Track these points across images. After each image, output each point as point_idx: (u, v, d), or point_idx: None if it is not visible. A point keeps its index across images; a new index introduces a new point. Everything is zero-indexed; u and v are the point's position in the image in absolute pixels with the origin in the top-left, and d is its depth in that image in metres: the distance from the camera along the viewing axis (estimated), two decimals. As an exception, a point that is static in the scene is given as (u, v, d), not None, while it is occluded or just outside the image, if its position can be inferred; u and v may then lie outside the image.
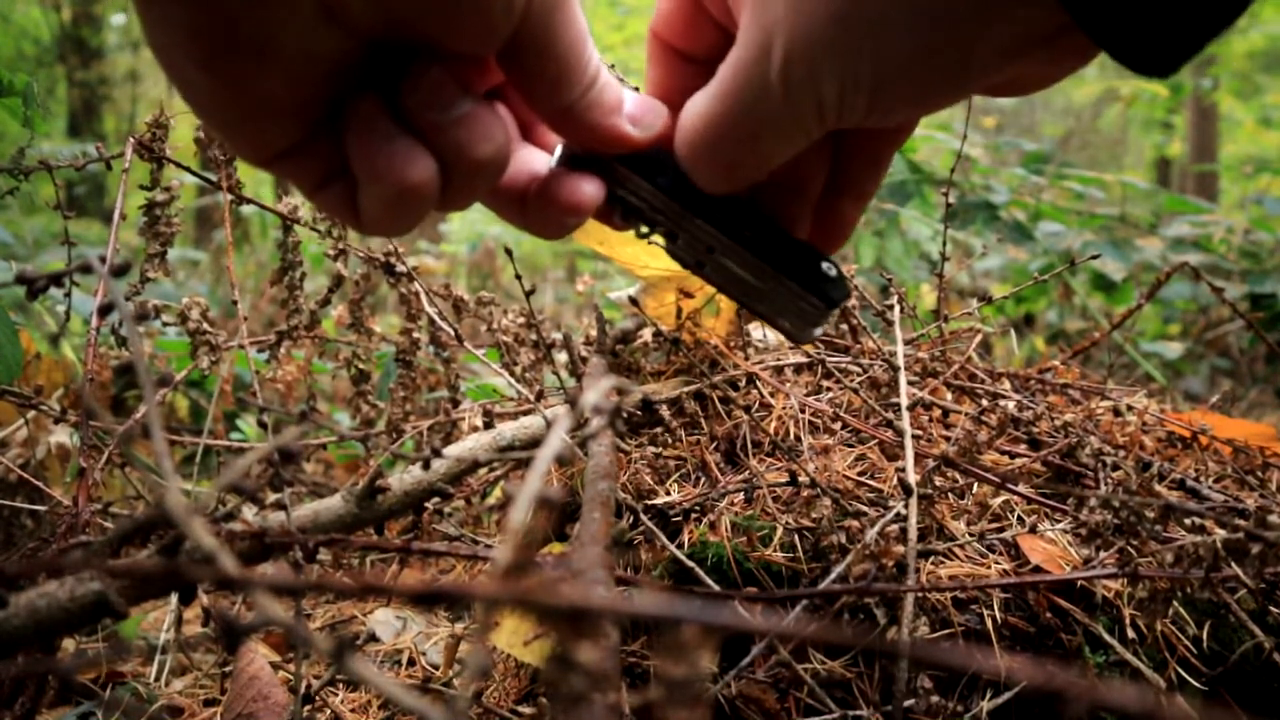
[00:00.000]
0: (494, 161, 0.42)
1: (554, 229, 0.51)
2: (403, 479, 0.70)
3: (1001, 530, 0.71)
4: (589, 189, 0.49)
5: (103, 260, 0.42)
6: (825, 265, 0.51)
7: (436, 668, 0.86)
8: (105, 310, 0.42)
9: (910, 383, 0.86)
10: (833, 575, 0.64)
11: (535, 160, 0.51)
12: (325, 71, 0.39)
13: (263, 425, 0.79)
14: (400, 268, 1.07)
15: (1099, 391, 0.95)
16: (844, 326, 0.99)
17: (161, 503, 0.27)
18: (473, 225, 4.71)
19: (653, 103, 0.49)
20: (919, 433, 0.82)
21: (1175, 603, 0.66)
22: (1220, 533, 0.62)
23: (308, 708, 0.74)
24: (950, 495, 0.74)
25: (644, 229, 0.52)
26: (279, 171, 0.42)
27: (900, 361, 0.82)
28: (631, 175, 0.49)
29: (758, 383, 0.87)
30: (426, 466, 0.69)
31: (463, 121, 0.40)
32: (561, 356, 0.99)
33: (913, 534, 0.65)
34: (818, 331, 0.54)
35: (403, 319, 1.16)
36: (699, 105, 0.46)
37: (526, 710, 0.71)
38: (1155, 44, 0.38)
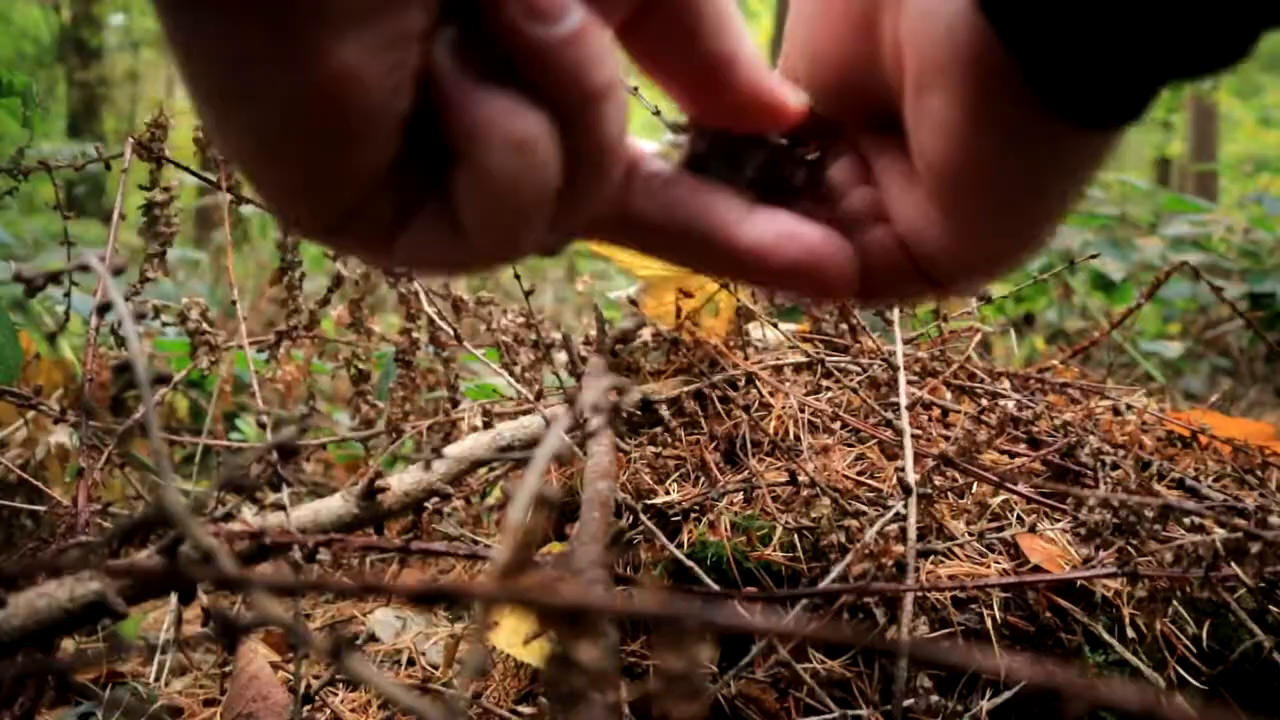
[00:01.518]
0: (610, 93, 0.32)
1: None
2: (402, 479, 0.70)
3: (1001, 530, 0.71)
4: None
5: (103, 260, 0.42)
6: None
7: (436, 668, 0.86)
8: (104, 310, 0.42)
9: (910, 382, 0.86)
10: (832, 575, 0.64)
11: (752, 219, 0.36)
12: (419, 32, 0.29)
13: (262, 425, 0.79)
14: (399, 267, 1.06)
15: (1098, 391, 0.95)
16: (843, 326, 0.99)
17: (160, 501, 0.27)
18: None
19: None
20: (918, 432, 0.81)
21: (1175, 602, 0.66)
22: (1220, 532, 0.62)
23: (308, 708, 0.74)
24: (950, 495, 0.74)
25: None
26: (360, 222, 0.32)
27: (900, 361, 0.82)
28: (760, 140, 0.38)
29: (757, 382, 0.87)
30: (427, 468, 0.69)
31: (576, 39, 0.30)
32: (561, 356, 0.99)
33: (912, 533, 0.65)
34: None
35: (402, 319, 1.16)
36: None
37: (526, 710, 0.71)
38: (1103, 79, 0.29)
